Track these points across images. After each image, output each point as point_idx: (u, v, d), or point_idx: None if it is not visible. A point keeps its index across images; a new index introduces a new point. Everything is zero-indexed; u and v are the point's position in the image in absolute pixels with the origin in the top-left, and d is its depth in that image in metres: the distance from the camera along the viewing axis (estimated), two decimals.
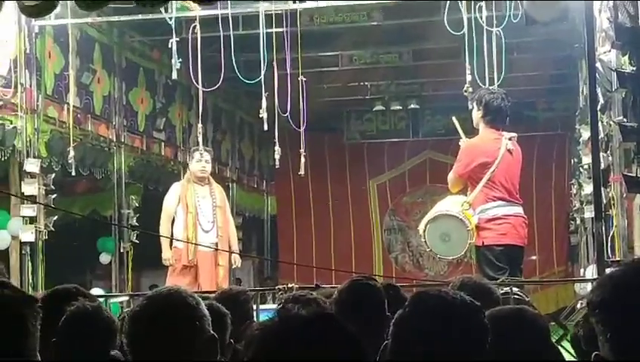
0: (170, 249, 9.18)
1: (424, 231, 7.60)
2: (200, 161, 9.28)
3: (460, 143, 7.80)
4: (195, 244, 9.01)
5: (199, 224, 9.21)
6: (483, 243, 7.44)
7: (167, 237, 9.11)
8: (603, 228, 7.29)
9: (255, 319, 5.69)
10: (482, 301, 2.60)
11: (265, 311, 7.31)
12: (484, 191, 7.47)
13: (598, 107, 7.67)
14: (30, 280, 9.10)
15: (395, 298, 4.11)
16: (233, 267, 9.57)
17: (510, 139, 7.60)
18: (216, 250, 9.15)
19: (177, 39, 8.82)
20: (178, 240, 9.10)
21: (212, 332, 2.68)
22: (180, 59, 8.79)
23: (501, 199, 7.49)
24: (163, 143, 12.23)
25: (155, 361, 2.59)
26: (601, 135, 7.95)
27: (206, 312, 2.68)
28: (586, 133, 9.45)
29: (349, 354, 1.82)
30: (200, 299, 2.72)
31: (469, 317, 2.48)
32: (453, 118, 8.05)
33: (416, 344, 2.43)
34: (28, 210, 9.15)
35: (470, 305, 2.51)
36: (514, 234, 7.53)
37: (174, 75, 8.95)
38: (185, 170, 12.26)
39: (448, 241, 7.53)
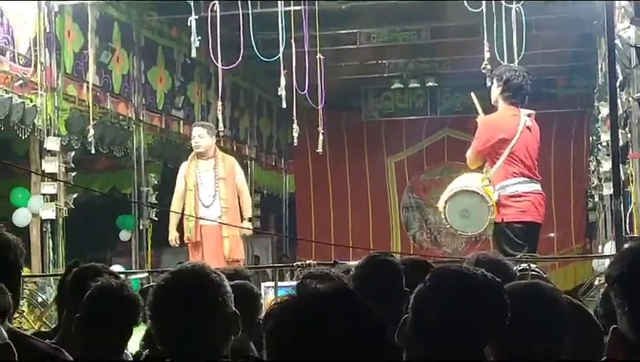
0: (177, 229, 9.29)
1: (444, 207, 7.59)
2: (194, 138, 9.33)
3: (477, 120, 7.79)
4: (197, 218, 9.06)
5: (199, 199, 9.22)
6: (503, 219, 7.45)
7: (174, 211, 9.17)
8: (621, 205, 7.28)
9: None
10: (498, 277, 2.62)
11: (283, 287, 7.37)
12: (505, 167, 7.46)
13: (617, 84, 7.64)
14: (51, 258, 9.19)
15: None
16: (244, 235, 9.55)
17: (529, 115, 7.59)
18: (221, 223, 9.15)
19: (196, 17, 8.84)
20: (184, 214, 9.15)
21: (234, 308, 2.73)
22: (199, 38, 8.80)
23: (521, 175, 7.48)
24: (182, 121, 12.27)
25: (176, 334, 2.65)
26: (620, 112, 7.92)
27: (229, 289, 2.73)
28: (604, 110, 9.41)
29: (368, 328, 1.82)
30: (223, 276, 2.77)
31: (489, 293, 2.51)
32: (472, 94, 8.03)
33: (436, 318, 2.46)
34: (48, 188, 9.23)
35: (491, 281, 2.54)
36: (533, 211, 7.53)
37: (193, 53, 8.96)
38: None
39: (468, 217, 7.52)
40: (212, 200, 9.23)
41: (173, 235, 9.31)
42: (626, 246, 1.82)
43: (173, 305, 2.66)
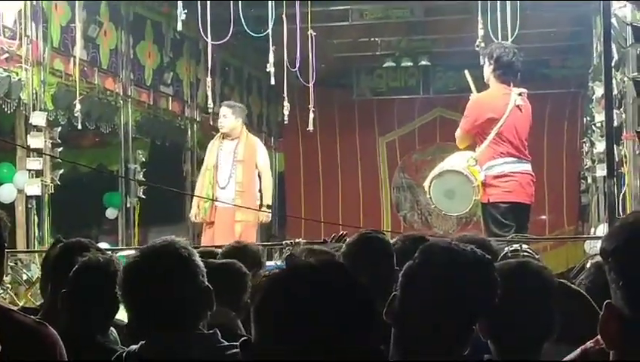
0: (198, 206, 9.33)
1: (429, 187, 7.54)
2: (219, 117, 9.36)
3: (470, 97, 7.71)
4: (203, 199, 9.04)
5: (216, 181, 9.23)
6: (489, 200, 7.40)
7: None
8: (615, 186, 7.23)
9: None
10: None
11: (271, 266, 7.28)
12: (492, 147, 7.39)
13: (613, 63, 7.56)
14: (36, 234, 9.09)
15: None
16: (260, 221, 9.56)
17: (520, 94, 7.50)
18: (219, 202, 9.13)
19: None
20: (195, 195, 9.14)
21: (206, 283, 2.73)
22: (186, 10, 8.68)
23: (509, 155, 7.42)
24: (170, 98, 12.14)
25: (147, 311, 2.66)
26: (615, 92, 7.84)
27: (200, 263, 2.73)
28: (599, 91, 9.34)
29: (357, 301, 1.82)
30: (194, 251, 2.76)
31: (479, 270, 2.47)
32: (466, 72, 7.94)
33: (426, 295, 2.42)
34: (34, 163, 9.11)
35: (481, 258, 2.50)
36: (520, 191, 7.47)
37: (179, 27, 8.85)
38: (192, 124, 12.36)
39: (453, 198, 7.48)
40: (227, 182, 9.22)
41: (194, 211, 9.49)
42: (620, 220, 1.74)
43: (142, 281, 2.67)
